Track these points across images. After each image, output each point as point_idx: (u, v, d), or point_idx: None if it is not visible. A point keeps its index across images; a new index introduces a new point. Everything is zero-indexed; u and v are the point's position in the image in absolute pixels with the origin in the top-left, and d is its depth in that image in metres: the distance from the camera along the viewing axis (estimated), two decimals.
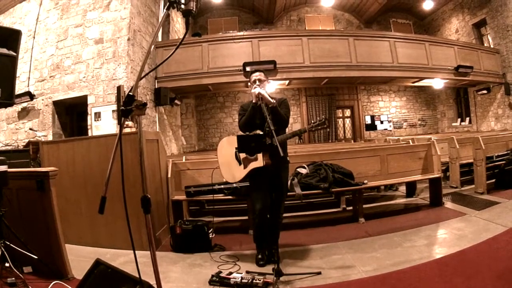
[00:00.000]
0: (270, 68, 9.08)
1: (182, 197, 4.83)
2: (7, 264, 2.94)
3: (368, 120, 15.33)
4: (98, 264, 2.48)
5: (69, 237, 3.79)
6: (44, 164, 4.58)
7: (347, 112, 15.34)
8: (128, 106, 1.88)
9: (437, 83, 12.26)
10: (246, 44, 9.71)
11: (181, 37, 11.63)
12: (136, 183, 3.40)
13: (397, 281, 2.86)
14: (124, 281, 2.33)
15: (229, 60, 9.49)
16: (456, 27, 14.05)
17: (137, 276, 2.17)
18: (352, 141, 13.63)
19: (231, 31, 12.24)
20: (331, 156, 5.39)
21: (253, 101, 3.46)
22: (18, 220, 3.28)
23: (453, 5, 14.07)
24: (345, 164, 5.19)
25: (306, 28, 14.88)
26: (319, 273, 3.09)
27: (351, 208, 5.51)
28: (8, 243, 3.02)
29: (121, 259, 3.71)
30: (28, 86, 8.35)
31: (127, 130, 4.49)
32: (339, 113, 15.24)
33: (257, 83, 3.56)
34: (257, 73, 3.66)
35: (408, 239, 3.94)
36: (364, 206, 5.13)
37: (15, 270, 2.95)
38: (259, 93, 3.38)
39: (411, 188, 6.49)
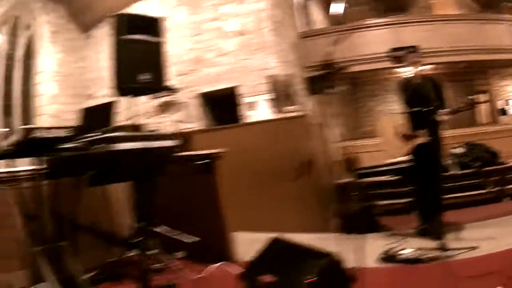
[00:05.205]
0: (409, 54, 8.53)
1: (349, 180, 4.98)
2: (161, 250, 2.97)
3: (500, 104, 14.03)
4: (276, 241, 2.38)
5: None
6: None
7: (483, 97, 13.86)
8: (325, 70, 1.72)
9: None
10: (383, 32, 9.78)
11: (320, 27, 11.94)
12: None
13: None
14: (309, 255, 2.17)
15: (369, 47, 9.52)
16: None
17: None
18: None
19: (367, 20, 11.87)
20: (479, 137, 5.95)
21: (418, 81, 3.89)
22: (176, 204, 3.32)
23: None
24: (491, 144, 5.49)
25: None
26: (476, 247, 3.16)
27: (497, 189, 5.49)
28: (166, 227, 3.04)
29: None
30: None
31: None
32: (476, 98, 13.59)
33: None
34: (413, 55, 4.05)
35: None
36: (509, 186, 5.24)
37: (169, 255, 3.02)
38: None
39: None
